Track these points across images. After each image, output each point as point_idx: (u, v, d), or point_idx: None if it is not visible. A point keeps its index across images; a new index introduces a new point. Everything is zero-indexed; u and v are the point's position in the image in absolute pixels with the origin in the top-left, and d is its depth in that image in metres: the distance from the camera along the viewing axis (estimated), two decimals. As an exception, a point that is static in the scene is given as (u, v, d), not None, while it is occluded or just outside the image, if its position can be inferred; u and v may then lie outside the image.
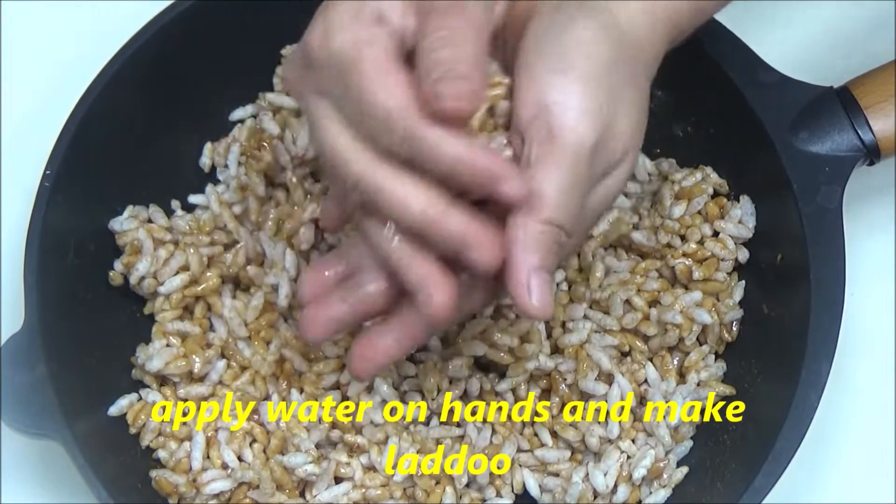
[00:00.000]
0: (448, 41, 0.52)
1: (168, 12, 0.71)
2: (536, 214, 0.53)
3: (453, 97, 0.51)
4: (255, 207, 0.73)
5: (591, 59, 0.53)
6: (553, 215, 0.53)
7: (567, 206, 0.53)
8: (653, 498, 0.68)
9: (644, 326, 0.71)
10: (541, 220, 0.53)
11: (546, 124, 0.53)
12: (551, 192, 0.53)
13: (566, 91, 0.53)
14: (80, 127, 0.69)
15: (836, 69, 0.73)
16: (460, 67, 0.51)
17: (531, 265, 0.53)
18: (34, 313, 0.66)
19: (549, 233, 0.53)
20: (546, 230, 0.53)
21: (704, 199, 0.73)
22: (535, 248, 0.53)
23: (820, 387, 0.65)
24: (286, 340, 0.71)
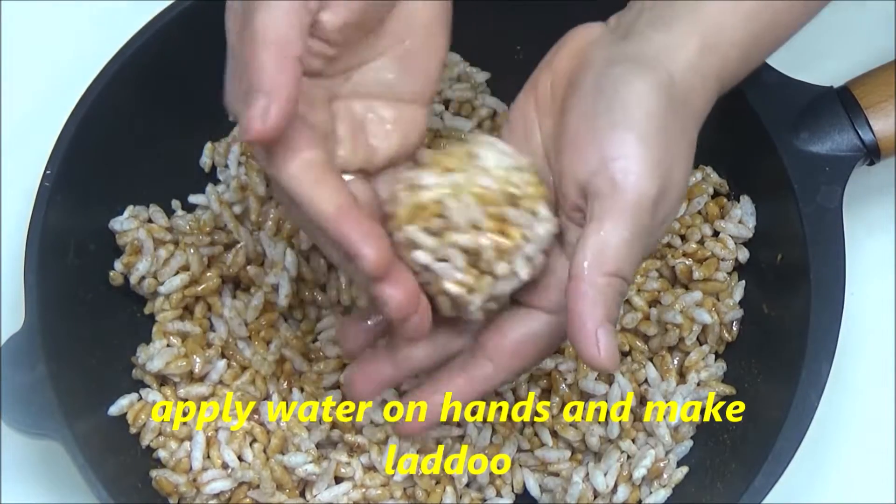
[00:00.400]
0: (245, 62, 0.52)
1: (168, 12, 0.71)
2: (603, 267, 0.53)
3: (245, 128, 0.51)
4: (255, 207, 0.73)
5: (649, 115, 0.54)
6: (619, 267, 0.53)
7: (630, 257, 0.54)
8: (653, 498, 0.68)
9: (644, 326, 0.71)
10: (607, 272, 0.53)
11: (610, 178, 0.53)
12: (617, 245, 0.53)
13: (629, 146, 0.54)
14: (80, 127, 0.69)
15: (836, 69, 0.73)
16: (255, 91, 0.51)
17: (598, 319, 0.53)
18: (34, 313, 0.66)
19: (614, 284, 0.53)
20: (612, 282, 0.53)
21: (704, 199, 0.73)
22: (602, 300, 0.53)
23: (820, 387, 0.65)
24: (286, 340, 0.71)
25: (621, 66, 0.55)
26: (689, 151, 0.56)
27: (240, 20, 0.54)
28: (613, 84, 0.55)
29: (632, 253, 0.54)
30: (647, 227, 0.54)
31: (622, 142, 0.54)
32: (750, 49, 0.57)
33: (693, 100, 0.56)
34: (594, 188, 0.54)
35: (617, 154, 0.53)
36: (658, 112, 0.54)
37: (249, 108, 0.51)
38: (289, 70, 0.51)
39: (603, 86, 0.55)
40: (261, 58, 0.51)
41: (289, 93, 0.51)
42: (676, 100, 0.55)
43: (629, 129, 0.54)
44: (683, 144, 0.56)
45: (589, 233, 0.53)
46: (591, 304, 0.53)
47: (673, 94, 0.55)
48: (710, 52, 0.56)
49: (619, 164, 0.53)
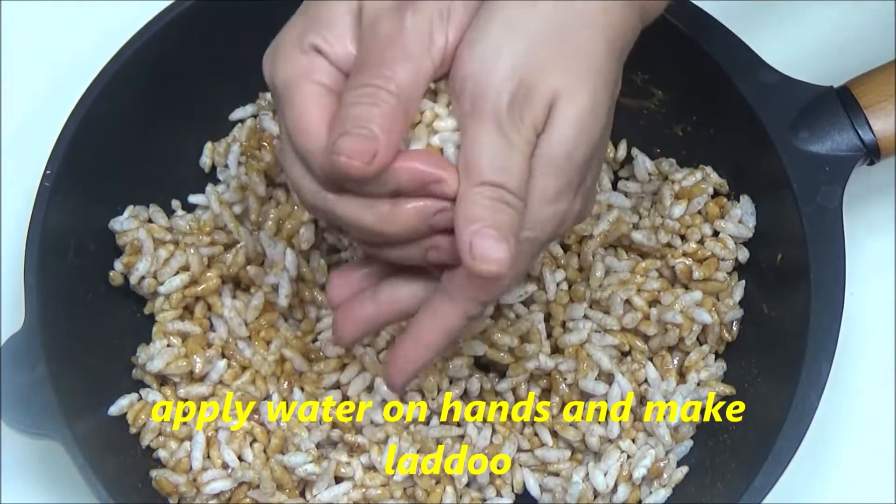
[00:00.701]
0: (367, 98, 0.53)
1: (168, 12, 0.71)
2: (471, 179, 0.53)
3: (349, 153, 0.52)
4: (255, 207, 0.73)
5: (508, 21, 0.54)
6: (486, 176, 0.53)
7: (498, 164, 0.53)
8: (653, 498, 0.68)
9: (644, 326, 0.71)
10: (475, 182, 0.53)
11: (469, 95, 0.54)
12: (476, 155, 0.53)
13: (480, 58, 0.53)
14: (80, 127, 0.69)
15: (836, 69, 0.73)
16: (370, 127, 0.52)
17: (473, 228, 0.53)
18: (34, 313, 0.66)
19: (486, 192, 0.53)
20: (482, 190, 0.53)
21: (704, 199, 0.73)
22: (475, 209, 0.53)
23: (820, 387, 0.65)
24: (286, 340, 0.71)
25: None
26: (573, 53, 0.54)
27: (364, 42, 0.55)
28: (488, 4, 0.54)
29: (497, 159, 0.53)
30: (510, 129, 0.53)
31: (475, 56, 0.53)
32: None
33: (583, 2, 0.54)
34: (459, 109, 0.54)
35: (470, 70, 0.53)
36: (520, 21, 0.54)
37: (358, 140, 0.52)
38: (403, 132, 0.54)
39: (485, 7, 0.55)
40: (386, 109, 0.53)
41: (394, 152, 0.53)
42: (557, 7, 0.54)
43: (480, 42, 0.53)
44: (567, 47, 0.54)
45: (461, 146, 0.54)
46: (463, 217, 0.53)
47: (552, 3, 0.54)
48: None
49: (472, 80, 0.53)
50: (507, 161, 0.53)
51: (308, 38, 0.55)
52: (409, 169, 0.53)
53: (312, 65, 0.55)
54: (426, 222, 0.54)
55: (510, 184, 0.54)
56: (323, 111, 0.54)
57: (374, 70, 0.53)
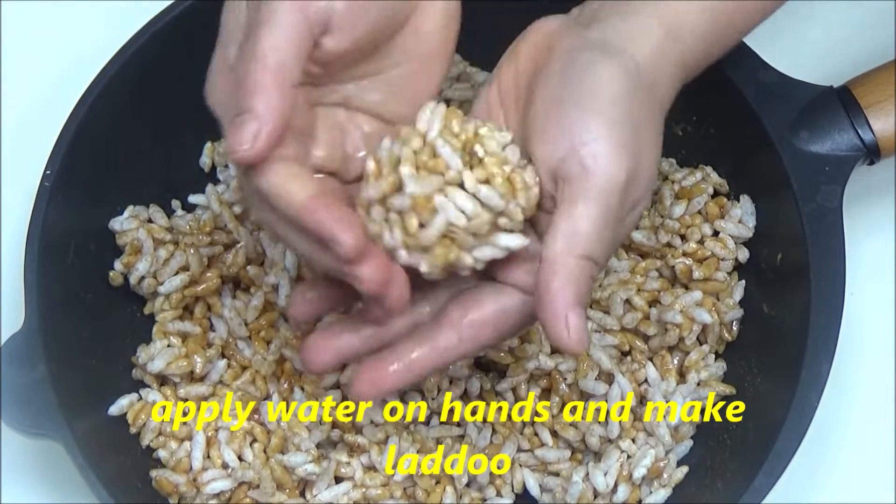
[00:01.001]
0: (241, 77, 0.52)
1: (168, 12, 0.71)
2: (574, 250, 0.54)
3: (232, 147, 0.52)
4: (255, 207, 0.73)
5: (615, 100, 0.55)
6: (589, 250, 0.54)
7: (601, 241, 0.54)
8: (653, 497, 0.68)
9: (644, 326, 0.71)
10: (578, 255, 0.54)
11: (579, 162, 0.54)
12: (588, 227, 0.54)
13: (597, 130, 0.54)
14: (80, 127, 0.69)
15: (836, 69, 0.73)
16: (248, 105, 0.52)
17: (568, 300, 0.53)
18: (34, 313, 0.66)
19: (585, 267, 0.54)
20: (583, 265, 0.54)
21: (704, 199, 0.73)
22: (573, 283, 0.54)
23: (820, 387, 0.65)
24: (286, 340, 0.71)
25: (587, 53, 0.56)
26: (656, 138, 0.57)
27: (241, 28, 0.54)
28: (580, 70, 0.55)
29: (602, 236, 0.54)
30: (617, 211, 0.55)
31: (591, 126, 0.54)
32: (711, 38, 0.58)
33: (658, 87, 0.57)
34: (564, 173, 0.54)
35: (586, 139, 0.54)
36: (624, 97, 0.55)
37: (239, 129, 0.52)
38: (284, 97, 0.52)
39: (569, 72, 0.55)
40: (258, 79, 0.52)
41: (281, 119, 0.52)
42: (642, 86, 0.56)
43: (597, 114, 0.54)
44: (651, 130, 0.56)
45: (560, 216, 0.54)
46: (561, 286, 0.53)
47: (638, 80, 0.55)
48: (673, 40, 0.57)
49: (589, 149, 0.54)
50: (607, 239, 0.55)
51: (228, 51, 0.55)
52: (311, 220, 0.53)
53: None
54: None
55: (600, 259, 0.55)
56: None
57: (243, 45, 0.53)
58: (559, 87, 0.56)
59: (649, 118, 0.56)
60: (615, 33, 0.56)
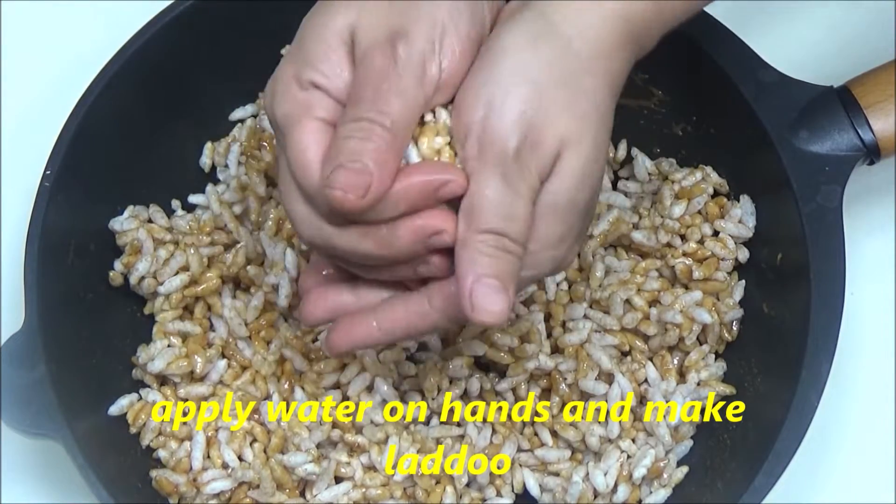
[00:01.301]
0: (361, 133, 0.53)
1: (168, 12, 0.71)
2: (474, 225, 0.54)
3: (344, 187, 0.52)
4: (255, 207, 0.73)
5: (515, 68, 0.54)
6: (490, 224, 0.54)
7: (502, 211, 0.54)
8: (653, 497, 0.68)
9: (644, 326, 0.71)
10: (479, 230, 0.54)
11: (474, 140, 0.54)
12: (482, 201, 0.54)
13: (487, 103, 0.54)
14: (80, 127, 0.69)
15: (836, 69, 0.73)
16: (363, 160, 0.53)
17: (475, 274, 0.53)
18: (34, 313, 0.66)
19: (489, 240, 0.54)
20: (485, 238, 0.54)
21: (704, 199, 0.73)
22: (477, 257, 0.54)
23: (820, 387, 0.65)
24: (286, 340, 0.71)
25: (508, 22, 0.55)
26: (575, 97, 0.55)
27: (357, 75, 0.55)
28: (491, 43, 0.55)
29: (503, 207, 0.54)
30: (516, 177, 0.54)
31: (482, 100, 0.54)
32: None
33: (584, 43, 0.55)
34: (465, 152, 0.54)
35: (478, 115, 0.54)
36: (525, 63, 0.54)
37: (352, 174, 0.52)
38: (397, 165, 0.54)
39: (487, 46, 0.55)
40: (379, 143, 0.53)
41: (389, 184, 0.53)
42: (557, 48, 0.54)
43: (487, 86, 0.54)
44: (566, 91, 0.55)
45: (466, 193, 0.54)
46: (466, 262, 0.53)
47: (553, 43, 0.54)
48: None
49: (480, 124, 0.54)
50: (512, 209, 0.54)
51: (305, 74, 0.55)
52: (415, 184, 0.54)
53: (311, 100, 0.55)
54: (423, 243, 0.55)
55: (513, 232, 0.54)
56: (324, 147, 0.54)
57: (367, 104, 0.54)
58: (480, 57, 0.55)
59: (568, 78, 0.55)
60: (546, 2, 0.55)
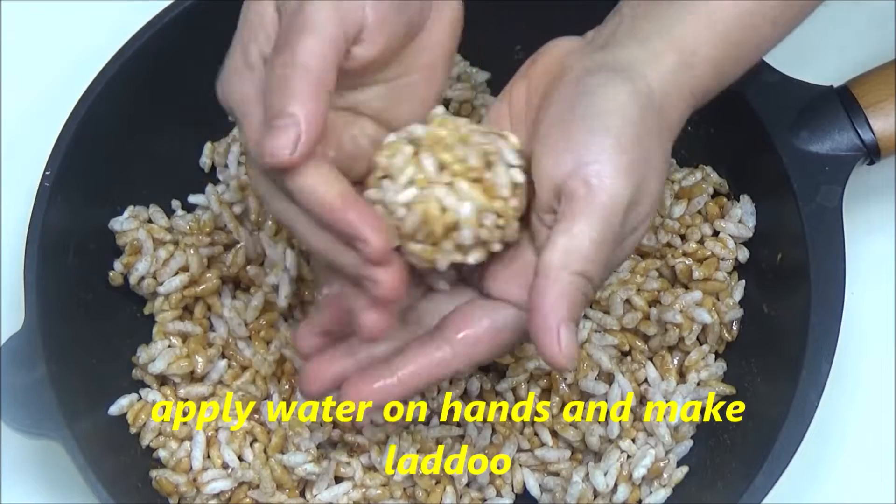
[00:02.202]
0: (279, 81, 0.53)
1: (168, 12, 0.71)
2: (570, 266, 0.54)
3: (272, 150, 0.52)
4: (255, 207, 0.73)
5: (625, 123, 0.55)
6: (586, 268, 0.54)
7: (598, 259, 0.55)
8: (653, 497, 0.68)
9: (644, 326, 0.71)
10: (574, 271, 0.54)
11: (584, 181, 0.54)
12: (586, 245, 0.54)
13: (604, 151, 0.54)
14: (80, 127, 0.69)
15: (836, 69, 0.73)
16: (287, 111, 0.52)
17: (561, 315, 0.54)
18: (34, 313, 0.66)
19: (580, 284, 0.54)
20: (578, 282, 0.54)
21: (704, 199, 0.73)
22: (567, 298, 0.54)
23: (820, 386, 0.65)
24: (286, 340, 0.71)
25: (599, 75, 0.56)
26: (663, 162, 0.57)
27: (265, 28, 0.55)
28: (591, 91, 0.56)
29: (600, 255, 0.55)
30: (618, 232, 0.55)
31: (598, 146, 0.54)
32: (722, 66, 0.58)
33: (668, 112, 0.57)
34: (568, 190, 0.54)
35: (593, 158, 0.54)
36: (634, 120, 0.55)
37: (280, 133, 0.52)
38: (322, 101, 0.53)
39: (580, 92, 0.56)
40: (299, 86, 0.52)
41: (322, 126, 0.53)
42: (652, 110, 0.56)
43: (605, 135, 0.55)
44: (658, 154, 0.57)
45: (559, 231, 0.54)
46: (554, 301, 0.54)
47: (649, 104, 0.56)
48: (686, 67, 0.57)
49: (594, 168, 0.54)
50: (604, 258, 0.55)
51: (249, 49, 0.56)
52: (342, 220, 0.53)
53: (259, 76, 0.55)
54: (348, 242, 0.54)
55: (598, 279, 0.55)
56: None
57: (280, 50, 0.53)
58: (570, 105, 0.56)
59: (657, 142, 0.56)
60: (630, 57, 0.57)
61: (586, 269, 0.54)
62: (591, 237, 0.54)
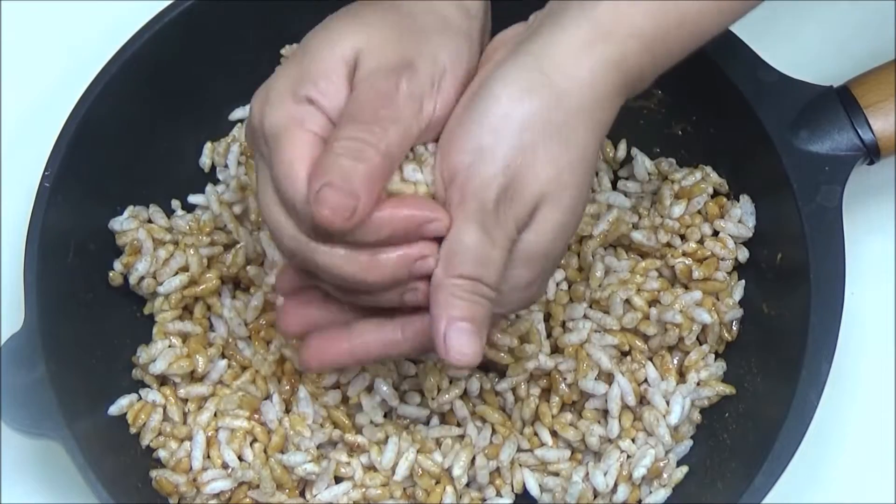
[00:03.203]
0: (353, 153, 0.53)
1: (167, 12, 0.71)
2: (451, 270, 0.55)
3: (331, 206, 0.53)
4: (255, 207, 0.73)
5: (506, 118, 0.54)
6: (466, 270, 0.55)
7: (479, 258, 0.55)
8: (653, 497, 0.68)
9: (644, 326, 0.71)
10: (454, 274, 0.55)
11: (458, 186, 0.55)
12: (460, 247, 0.55)
13: (474, 150, 0.55)
14: (80, 127, 0.69)
15: (836, 69, 0.73)
16: (352, 183, 0.53)
17: (449, 317, 0.54)
18: (34, 313, 0.66)
19: (464, 286, 0.55)
20: (461, 283, 0.55)
21: (704, 199, 0.73)
22: (452, 300, 0.55)
23: (820, 386, 0.65)
24: (286, 340, 0.71)
25: (502, 67, 0.56)
26: (561, 149, 0.55)
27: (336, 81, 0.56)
28: (481, 91, 0.56)
29: (479, 254, 0.55)
30: (493, 226, 0.54)
31: (466, 150, 0.55)
32: (655, 43, 0.56)
33: (576, 94, 0.55)
34: (449, 199, 0.55)
35: (462, 163, 0.55)
36: (514, 115, 0.54)
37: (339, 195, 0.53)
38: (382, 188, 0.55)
39: (480, 88, 0.56)
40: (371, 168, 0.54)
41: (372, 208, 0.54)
42: (547, 98, 0.55)
43: (484, 131, 0.54)
44: (554, 143, 0.55)
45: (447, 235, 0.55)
46: (441, 305, 0.55)
47: (544, 95, 0.55)
48: (603, 40, 0.55)
49: (463, 173, 0.55)
50: (488, 256, 0.55)
51: (302, 88, 0.56)
52: (402, 216, 0.54)
53: (305, 114, 0.55)
54: (408, 269, 0.55)
55: (488, 278, 0.55)
56: (311, 161, 0.55)
57: (365, 125, 0.54)
58: (468, 100, 0.56)
59: (555, 130, 0.55)
60: (536, 42, 0.56)
61: (468, 271, 0.55)
62: (464, 239, 0.54)
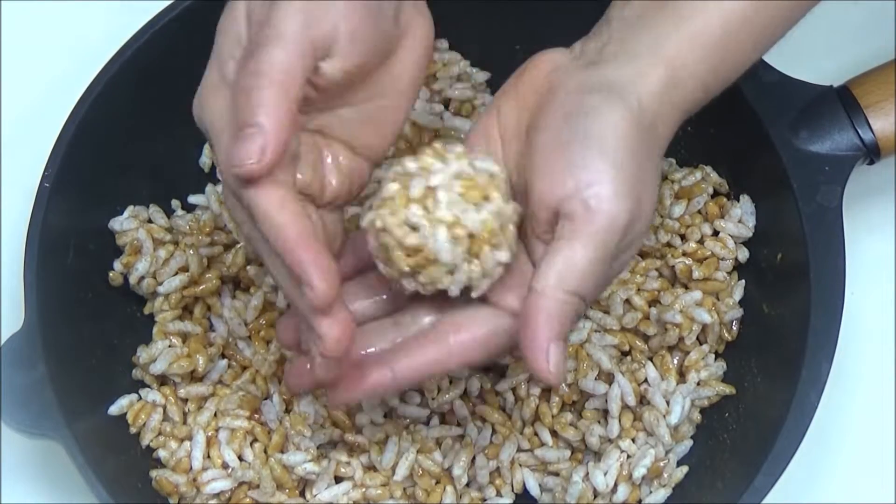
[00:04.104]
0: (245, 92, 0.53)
1: (167, 12, 0.71)
2: (565, 285, 0.55)
3: (240, 161, 0.52)
4: (255, 207, 0.73)
5: (621, 144, 0.55)
6: (580, 287, 0.55)
7: (594, 279, 0.55)
8: (653, 497, 0.68)
9: (644, 326, 0.71)
10: (568, 290, 0.55)
11: (583, 203, 0.55)
12: (583, 266, 0.55)
13: (603, 173, 0.55)
14: (80, 127, 0.69)
15: (836, 69, 0.73)
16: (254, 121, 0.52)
17: (551, 333, 0.54)
18: (34, 313, 0.66)
19: (573, 303, 0.55)
20: (571, 301, 0.55)
21: (704, 199, 0.73)
22: (559, 316, 0.55)
23: (820, 387, 0.65)
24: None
25: (593, 95, 0.56)
26: (656, 177, 0.58)
27: (239, 45, 0.55)
28: (586, 112, 0.56)
29: (596, 275, 0.55)
30: (615, 251, 0.55)
31: (597, 168, 0.55)
32: (707, 80, 0.59)
33: (659, 128, 0.57)
34: (567, 211, 0.55)
35: (591, 180, 0.55)
36: (629, 140, 0.55)
37: (246, 143, 0.52)
38: (289, 111, 0.53)
39: (576, 113, 0.56)
40: (264, 95, 0.52)
41: (287, 135, 0.53)
42: (644, 127, 0.56)
43: (603, 156, 0.55)
44: (651, 171, 0.57)
45: (556, 250, 0.55)
46: (546, 318, 0.54)
47: (641, 122, 0.56)
48: (674, 83, 0.57)
49: (594, 190, 0.55)
50: (599, 278, 0.56)
51: (226, 65, 0.55)
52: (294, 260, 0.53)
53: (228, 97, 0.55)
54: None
55: (590, 298, 0.56)
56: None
57: (247, 60, 0.54)
58: (564, 126, 0.56)
59: (650, 159, 0.57)
60: (620, 75, 0.57)
61: (580, 289, 0.55)
62: (588, 258, 0.54)
